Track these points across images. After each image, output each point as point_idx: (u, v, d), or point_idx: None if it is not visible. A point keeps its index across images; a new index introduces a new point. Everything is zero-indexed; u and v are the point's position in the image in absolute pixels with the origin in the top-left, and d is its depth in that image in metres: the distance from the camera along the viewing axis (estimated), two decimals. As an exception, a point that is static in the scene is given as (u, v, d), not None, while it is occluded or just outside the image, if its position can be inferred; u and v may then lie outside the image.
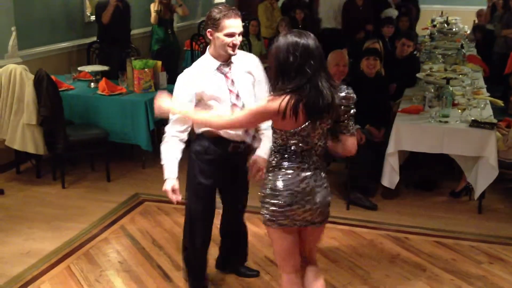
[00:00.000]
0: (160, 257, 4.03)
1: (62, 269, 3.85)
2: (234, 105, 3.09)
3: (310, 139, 2.60)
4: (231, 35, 2.99)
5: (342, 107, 2.62)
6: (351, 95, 2.65)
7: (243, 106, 3.09)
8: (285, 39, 2.53)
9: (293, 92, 2.49)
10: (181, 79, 3.13)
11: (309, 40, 2.52)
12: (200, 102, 3.12)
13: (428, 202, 5.03)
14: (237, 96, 3.11)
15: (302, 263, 2.86)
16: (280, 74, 2.53)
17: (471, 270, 3.93)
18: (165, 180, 3.22)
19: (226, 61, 3.10)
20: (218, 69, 3.10)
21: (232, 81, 3.11)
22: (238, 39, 3.02)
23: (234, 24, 2.98)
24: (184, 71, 3.17)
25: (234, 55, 3.07)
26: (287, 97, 2.49)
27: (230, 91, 3.10)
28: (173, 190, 3.20)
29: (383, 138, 5.09)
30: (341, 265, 3.96)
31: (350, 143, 2.72)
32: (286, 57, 2.49)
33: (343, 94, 2.62)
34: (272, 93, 2.56)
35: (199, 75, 3.10)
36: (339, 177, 5.27)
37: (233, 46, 3.02)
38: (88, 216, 4.62)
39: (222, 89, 3.09)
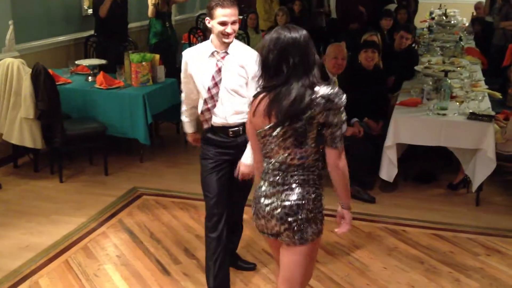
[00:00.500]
0: (158, 251, 4.03)
1: (60, 263, 3.85)
2: (208, 90, 3.20)
3: (281, 143, 2.40)
4: (223, 23, 3.08)
5: (318, 109, 2.32)
6: (333, 98, 2.32)
7: (217, 94, 3.19)
8: (270, 34, 2.41)
9: (270, 91, 2.39)
10: (183, 57, 3.32)
11: (293, 35, 2.36)
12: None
13: (426, 195, 5.03)
14: (215, 84, 3.19)
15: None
16: (262, 71, 2.42)
17: (468, 263, 3.94)
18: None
19: (222, 50, 3.18)
20: (212, 54, 3.20)
21: (220, 69, 3.19)
22: (230, 28, 3.09)
23: (226, 13, 3.07)
24: (186, 50, 3.37)
25: (230, 42, 3.16)
26: (261, 96, 2.43)
27: (212, 77, 3.19)
28: (194, 140, 3.59)
29: (381, 131, 5.09)
30: (339, 258, 3.97)
31: (330, 157, 2.44)
32: (267, 54, 2.39)
33: (323, 93, 2.33)
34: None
35: (195, 56, 3.25)
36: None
37: (226, 35, 3.11)
38: (86, 210, 4.62)
39: (206, 74, 3.20)
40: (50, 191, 5.03)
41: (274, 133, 2.41)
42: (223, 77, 3.19)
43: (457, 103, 4.90)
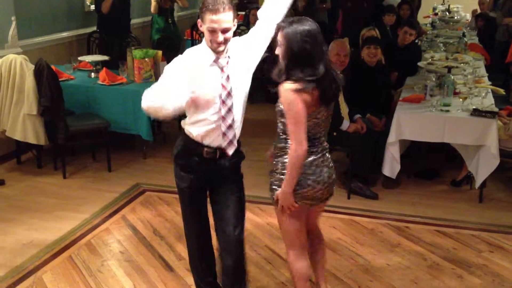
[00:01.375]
0: (161, 246, 4.04)
1: (64, 259, 3.86)
2: (223, 102, 2.76)
3: (321, 123, 2.78)
4: (212, 30, 2.66)
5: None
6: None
7: (232, 105, 2.79)
8: (293, 28, 2.63)
9: (313, 80, 2.63)
10: (177, 63, 2.74)
11: (314, 26, 2.65)
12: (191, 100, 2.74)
13: (429, 191, 5.03)
14: (229, 94, 2.77)
15: (310, 240, 3.10)
16: (297, 63, 2.63)
17: (471, 259, 3.93)
18: None
19: (224, 55, 2.76)
20: (215, 61, 2.75)
21: (228, 76, 2.77)
22: (221, 37, 2.66)
23: (215, 19, 2.62)
24: (177, 59, 2.77)
25: (219, 52, 2.72)
26: (311, 84, 2.64)
27: (223, 86, 2.75)
28: None
29: (384, 127, 5.08)
30: (342, 254, 3.97)
31: None
32: (302, 47, 2.61)
33: (340, 75, 2.79)
34: (287, 81, 2.66)
35: (195, 66, 2.73)
36: (340, 166, 5.25)
37: (217, 44, 2.68)
38: (89, 206, 4.63)
39: (215, 84, 2.75)
40: (53, 187, 5.04)
41: (320, 115, 2.75)
42: (233, 85, 2.79)
43: (461, 99, 4.89)
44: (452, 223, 4.44)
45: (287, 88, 2.64)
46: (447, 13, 10.19)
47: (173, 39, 7.65)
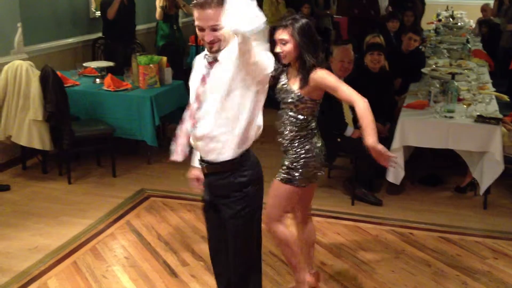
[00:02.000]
0: (166, 252, 4.05)
1: (69, 264, 3.88)
2: (191, 106, 2.63)
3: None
4: (199, 28, 2.46)
5: None
6: None
7: (196, 111, 2.57)
8: (301, 21, 2.99)
9: (321, 65, 3.01)
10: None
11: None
12: None
13: (433, 198, 5.03)
14: (197, 97, 2.57)
15: (302, 219, 3.43)
16: (311, 51, 2.98)
17: (476, 266, 3.93)
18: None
19: (213, 54, 2.53)
20: (204, 58, 2.59)
21: (204, 78, 2.55)
22: (211, 35, 2.44)
23: (201, 17, 2.41)
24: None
25: (212, 52, 2.51)
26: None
27: (197, 88, 2.59)
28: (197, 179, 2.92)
29: (388, 133, 5.09)
30: (346, 261, 3.97)
31: None
32: (314, 35, 3.01)
33: None
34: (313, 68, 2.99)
35: (196, 63, 2.68)
36: (344, 172, 5.27)
37: (206, 42, 2.47)
38: (94, 211, 4.64)
39: (193, 83, 2.64)
40: (59, 192, 5.06)
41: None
42: (208, 89, 2.53)
43: (464, 106, 4.89)
44: (456, 230, 4.44)
45: (319, 71, 2.99)
46: (451, 20, 10.18)
47: (178, 45, 7.68)
